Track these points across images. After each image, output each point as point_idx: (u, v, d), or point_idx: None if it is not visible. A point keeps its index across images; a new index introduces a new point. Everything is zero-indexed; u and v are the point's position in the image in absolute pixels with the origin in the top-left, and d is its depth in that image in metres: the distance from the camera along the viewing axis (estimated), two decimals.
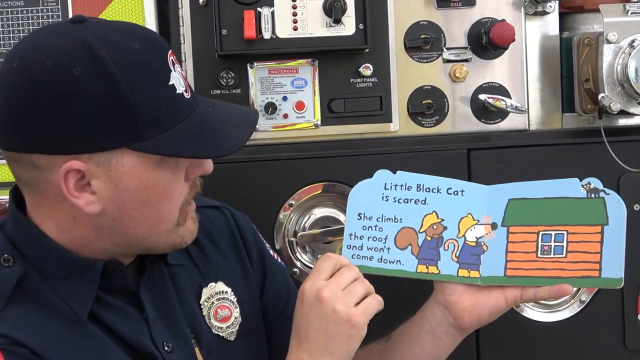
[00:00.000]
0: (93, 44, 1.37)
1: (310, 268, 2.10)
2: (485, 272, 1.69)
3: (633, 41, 2.02)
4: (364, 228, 1.69)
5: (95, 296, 1.47)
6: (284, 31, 2.02)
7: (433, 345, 1.73)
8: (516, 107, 2.10)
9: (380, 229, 1.69)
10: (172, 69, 1.44)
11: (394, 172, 1.72)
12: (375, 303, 1.56)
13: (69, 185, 1.40)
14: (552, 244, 1.65)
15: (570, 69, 2.16)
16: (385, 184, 1.71)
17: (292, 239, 2.11)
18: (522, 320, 2.17)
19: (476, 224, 1.70)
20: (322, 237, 2.09)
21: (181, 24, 2.06)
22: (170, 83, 1.42)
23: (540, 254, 1.66)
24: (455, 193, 1.72)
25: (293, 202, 2.09)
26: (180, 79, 1.45)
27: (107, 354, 1.46)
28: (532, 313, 2.18)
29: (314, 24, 2.02)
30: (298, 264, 2.11)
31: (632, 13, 2.04)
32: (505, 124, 2.15)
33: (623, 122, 2.17)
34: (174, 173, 1.47)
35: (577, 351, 2.19)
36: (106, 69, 1.36)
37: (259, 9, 2.00)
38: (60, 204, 1.44)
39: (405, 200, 1.70)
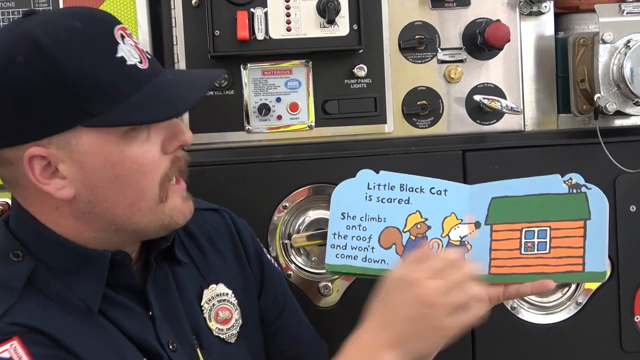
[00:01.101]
0: (34, 31, 1.39)
1: (305, 270, 2.10)
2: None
3: (629, 41, 2.02)
4: (348, 227, 1.68)
5: (102, 292, 1.47)
6: (278, 32, 2.01)
7: None
8: (511, 107, 2.10)
9: (364, 229, 1.68)
10: (121, 41, 1.43)
11: (378, 172, 1.71)
12: (471, 318, 1.51)
13: (35, 172, 1.41)
14: (535, 240, 1.64)
15: (565, 70, 2.15)
16: (369, 183, 1.70)
17: (287, 241, 2.10)
18: (518, 322, 2.16)
19: (460, 223, 1.69)
20: (316, 239, 2.08)
21: (174, 25, 2.05)
22: (119, 55, 1.42)
23: (524, 251, 1.65)
24: (439, 192, 1.71)
25: (287, 204, 2.08)
26: (133, 50, 1.45)
27: (120, 345, 1.47)
28: (528, 315, 2.17)
29: (308, 25, 2.01)
30: (292, 266, 2.10)
31: (627, 13, 2.03)
32: (500, 125, 2.15)
33: (619, 122, 2.16)
34: (143, 147, 1.45)
35: (573, 353, 2.19)
36: (45, 51, 1.37)
37: (252, 9, 1.99)
38: (41, 197, 1.45)
39: (389, 200, 1.69)
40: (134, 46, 1.45)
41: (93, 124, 1.40)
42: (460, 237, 1.69)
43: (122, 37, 1.44)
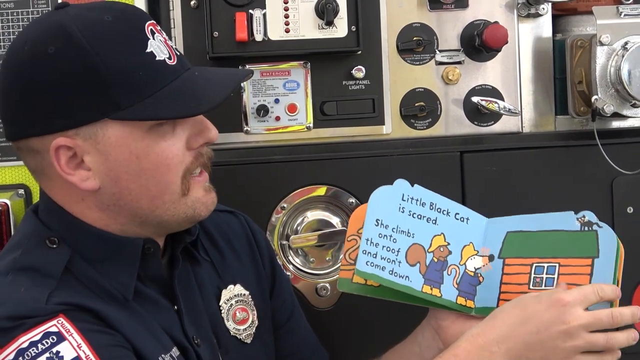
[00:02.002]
0: (66, 23, 1.41)
1: (303, 271, 2.10)
2: (479, 303, 1.69)
3: (626, 43, 2.02)
4: (380, 236, 1.65)
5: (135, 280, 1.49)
6: (276, 33, 2.01)
7: None
8: (509, 109, 2.10)
9: (394, 240, 1.65)
10: (151, 37, 1.45)
11: (413, 185, 1.70)
12: None
13: (61, 162, 1.43)
14: (544, 275, 1.64)
15: (563, 71, 2.15)
16: (403, 194, 1.68)
17: (285, 242, 2.10)
18: None
19: (476, 254, 1.70)
20: (314, 241, 2.08)
21: (172, 26, 2.05)
22: (148, 50, 1.43)
23: (532, 286, 1.65)
24: (462, 219, 1.71)
25: (285, 205, 2.08)
26: (162, 46, 1.46)
27: (155, 331, 1.48)
28: None
29: (306, 26, 2.01)
30: (290, 267, 2.10)
31: (625, 15, 2.03)
32: (498, 127, 2.14)
33: (616, 124, 2.16)
34: (168, 140, 1.47)
35: None
36: (76, 43, 1.39)
37: (250, 10, 1.99)
38: (67, 188, 1.46)
39: (419, 216, 1.68)
40: (163, 42, 1.47)
41: (120, 117, 1.41)
42: (474, 268, 1.69)
43: (152, 32, 1.46)
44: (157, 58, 1.44)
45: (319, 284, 2.10)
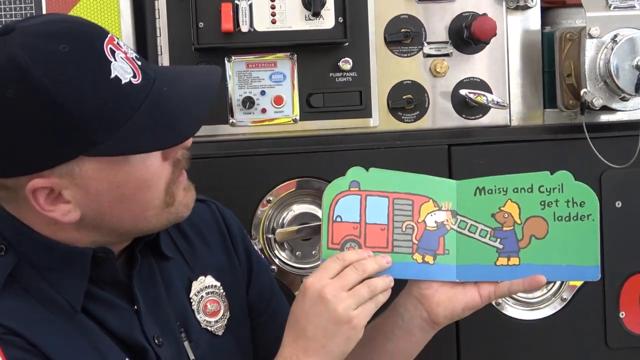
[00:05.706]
0: (20, 58, 1.31)
1: (288, 265, 2.09)
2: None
3: (615, 36, 2.01)
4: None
5: (85, 289, 1.45)
6: (262, 24, 1.99)
7: (405, 340, 1.71)
8: (497, 102, 2.09)
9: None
10: (112, 58, 1.36)
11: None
12: (373, 306, 1.54)
13: (40, 202, 1.38)
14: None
15: (552, 64, 2.14)
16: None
17: (270, 236, 2.08)
18: (503, 318, 2.16)
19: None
20: (300, 234, 2.07)
21: (157, 17, 2.03)
22: (113, 76, 1.35)
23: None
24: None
25: (271, 198, 2.07)
26: (125, 64, 1.38)
27: (101, 345, 1.45)
28: (513, 311, 2.17)
29: (293, 17, 2.00)
30: (276, 260, 2.09)
31: (614, 7, 2.03)
32: (486, 120, 2.13)
33: (605, 118, 2.16)
34: (146, 162, 1.42)
35: (558, 350, 2.18)
36: (37, 84, 1.30)
37: (236, 1, 1.97)
38: (40, 214, 1.41)
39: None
40: (124, 59, 1.39)
41: (98, 153, 1.36)
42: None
43: (113, 52, 1.37)
44: (124, 82, 1.36)
45: (305, 278, 2.08)
